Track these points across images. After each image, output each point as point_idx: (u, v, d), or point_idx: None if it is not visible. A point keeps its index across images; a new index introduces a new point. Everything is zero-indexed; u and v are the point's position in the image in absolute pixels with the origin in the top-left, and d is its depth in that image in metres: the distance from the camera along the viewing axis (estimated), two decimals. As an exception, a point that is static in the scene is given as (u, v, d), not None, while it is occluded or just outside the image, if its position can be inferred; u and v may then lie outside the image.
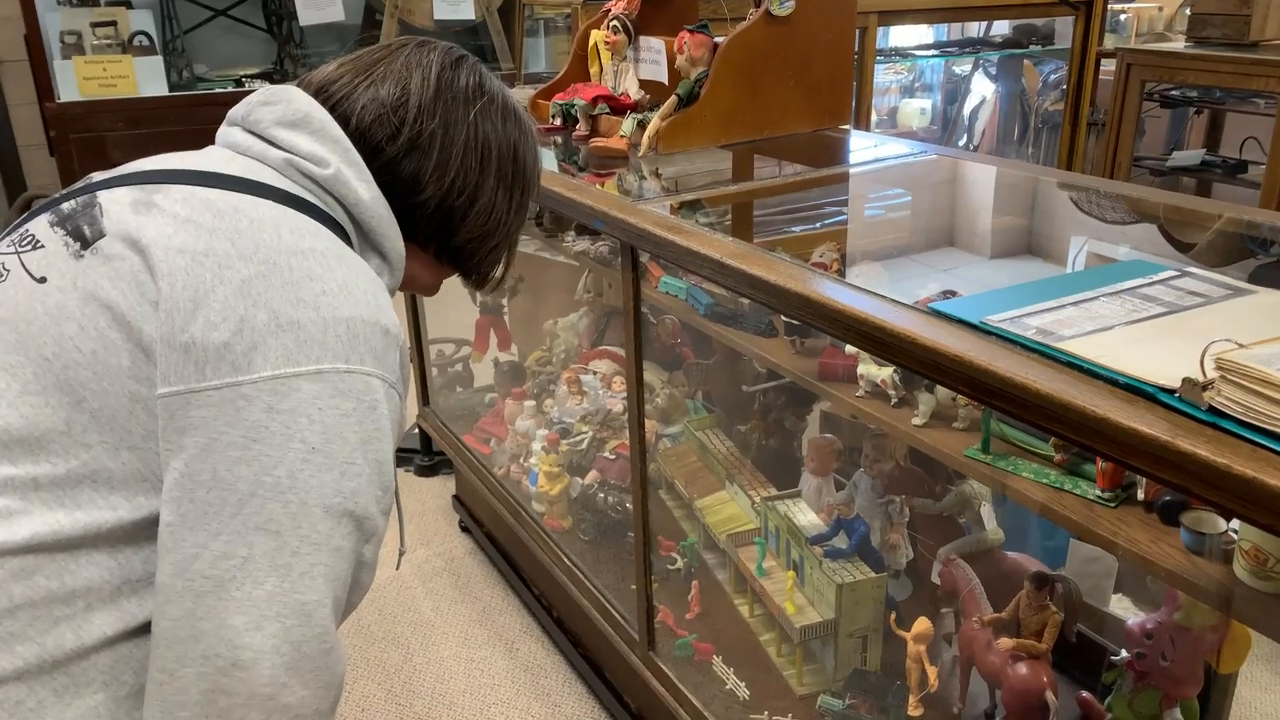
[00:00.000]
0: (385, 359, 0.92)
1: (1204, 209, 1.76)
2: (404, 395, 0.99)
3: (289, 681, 0.87)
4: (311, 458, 0.86)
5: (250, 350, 0.85)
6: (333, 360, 0.88)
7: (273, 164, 0.99)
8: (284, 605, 0.86)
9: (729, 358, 2.70)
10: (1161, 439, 0.86)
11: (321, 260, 0.91)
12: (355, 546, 0.91)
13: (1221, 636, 1.57)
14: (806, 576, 2.01)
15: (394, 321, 0.95)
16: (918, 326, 1.11)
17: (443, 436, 3.06)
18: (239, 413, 0.85)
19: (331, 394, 0.87)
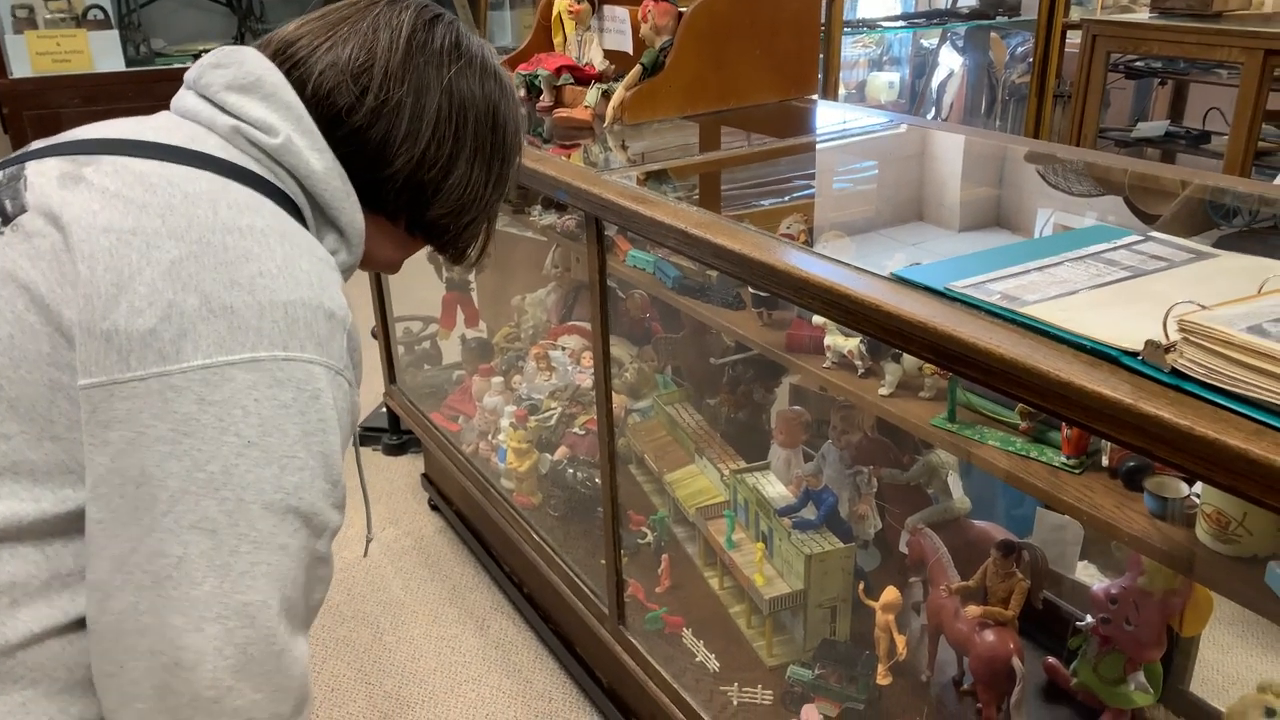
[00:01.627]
0: (329, 345, 0.87)
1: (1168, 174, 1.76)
2: (355, 382, 0.93)
3: (235, 685, 0.83)
4: (248, 452, 0.81)
5: (179, 338, 0.80)
6: (269, 347, 0.82)
7: (219, 131, 0.92)
8: (225, 606, 0.81)
9: (698, 331, 2.69)
10: (1124, 402, 0.85)
11: (260, 239, 0.85)
12: (305, 544, 0.85)
13: (1184, 600, 1.59)
14: (775, 548, 2.01)
15: (340, 304, 0.88)
16: (882, 294, 1.10)
17: (410, 415, 3.03)
18: (167, 405, 0.79)
19: (268, 384, 0.82)
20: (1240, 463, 0.78)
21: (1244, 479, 0.79)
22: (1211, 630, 2.38)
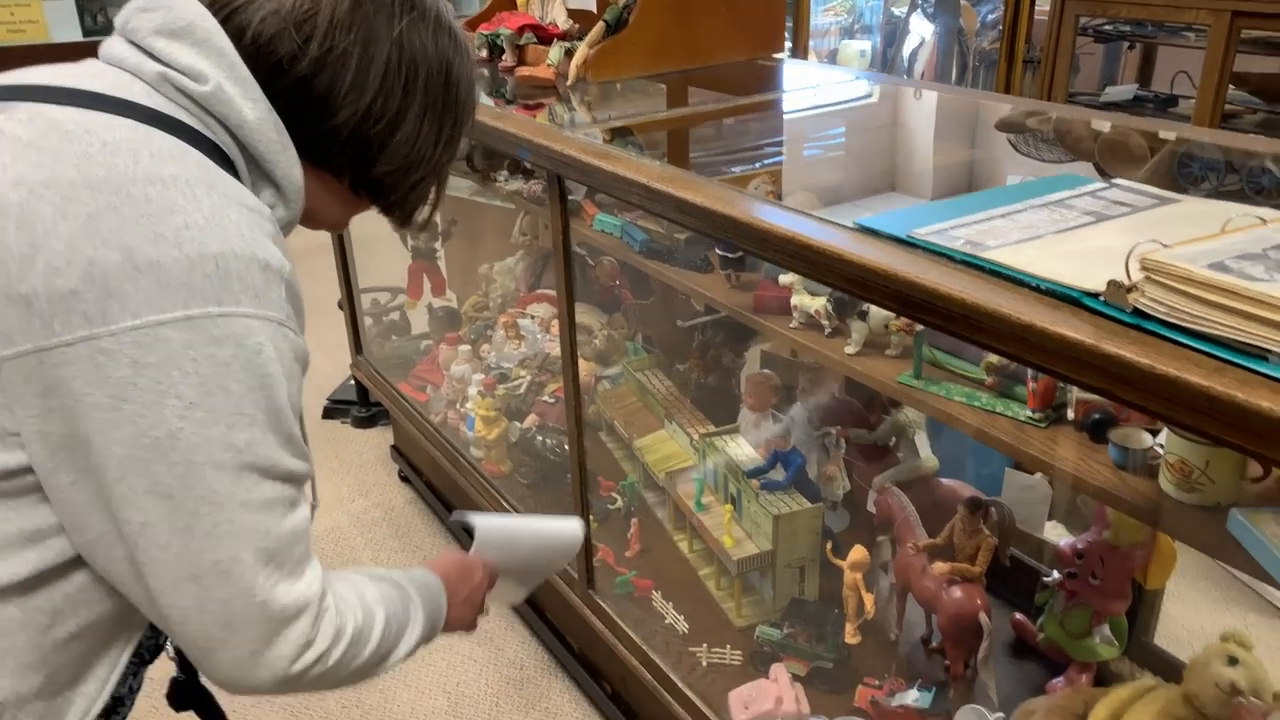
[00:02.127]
0: (266, 296, 0.83)
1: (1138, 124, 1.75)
2: (299, 331, 0.91)
3: (227, 636, 0.82)
4: (191, 414, 0.78)
5: (104, 298, 0.75)
6: (203, 304, 0.78)
7: (145, 78, 0.87)
8: (196, 566, 0.80)
9: (668, 297, 2.67)
10: (1086, 343, 0.84)
11: (185, 189, 0.81)
12: (272, 496, 0.83)
13: (1148, 553, 1.60)
14: (744, 510, 2.01)
15: (275, 254, 0.84)
16: (844, 243, 1.08)
17: (378, 385, 2.99)
18: (100, 371, 0.76)
19: (205, 342, 0.79)
20: (1201, 400, 0.77)
21: (1205, 417, 0.78)
22: (1176, 585, 2.41)
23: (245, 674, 0.84)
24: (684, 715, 1.76)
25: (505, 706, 2.23)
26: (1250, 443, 0.76)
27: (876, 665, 1.79)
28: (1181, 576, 2.44)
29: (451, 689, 2.29)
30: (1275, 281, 0.77)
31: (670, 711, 1.79)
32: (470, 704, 2.25)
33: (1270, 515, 1.15)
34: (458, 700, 2.26)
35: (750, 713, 1.69)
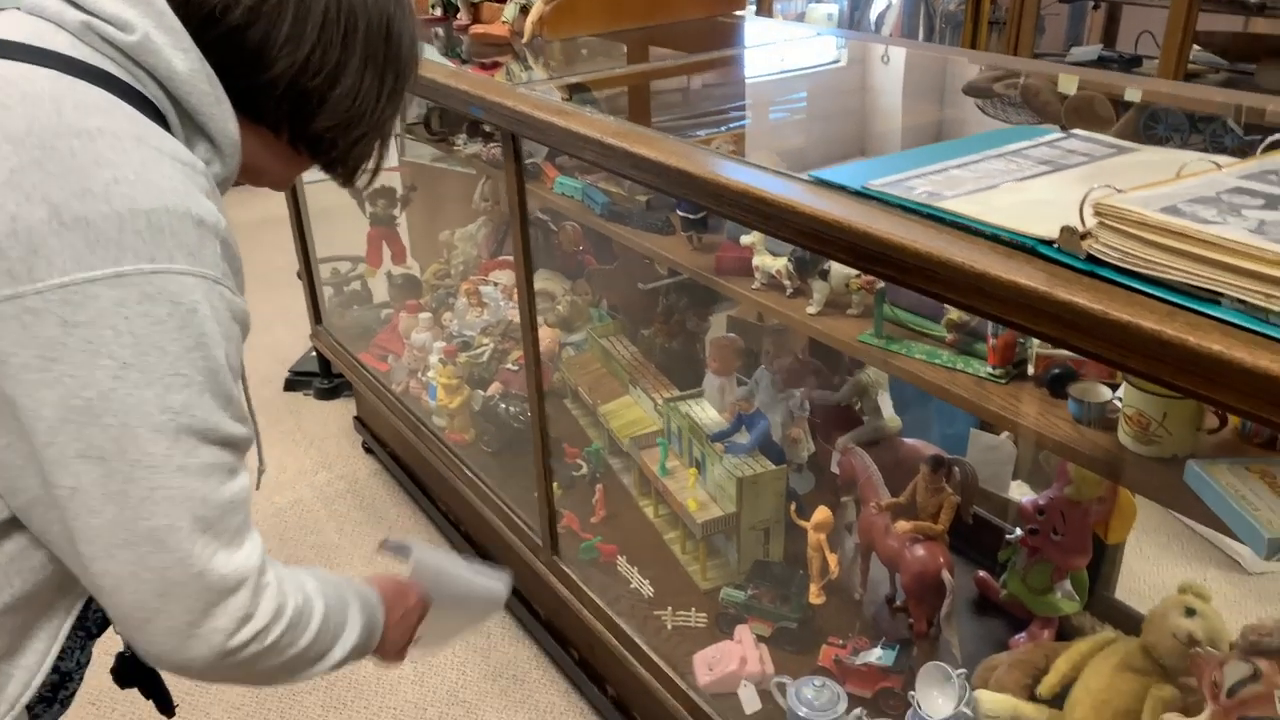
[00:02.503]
0: (201, 253, 0.80)
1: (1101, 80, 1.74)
2: (237, 291, 0.88)
3: (162, 606, 0.79)
4: (125, 374, 0.76)
5: (29, 255, 0.73)
6: (135, 260, 0.76)
7: (69, 28, 0.83)
8: (131, 533, 0.77)
9: (631, 262, 2.64)
10: (1039, 290, 0.83)
11: (113, 142, 0.77)
12: (211, 462, 0.80)
13: (1109, 508, 1.61)
14: (708, 473, 2.00)
15: (210, 210, 0.81)
16: (798, 195, 1.06)
17: (338, 356, 2.95)
18: (27, 330, 0.73)
19: (138, 299, 0.76)
20: (1153, 345, 0.76)
21: (1158, 362, 0.77)
22: (1138, 541, 2.43)
23: (180, 646, 0.81)
24: (649, 679, 1.75)
25: (472, 674, 2.22)
26: (1202, 387, 0.75)
27: (841, 625, 1.79)
28: (1143, 532, 2.46)
29: (416, 658, 2.27)
30: (1227, 224, 0.75)
31: (636, 675, 1.79)
32: (436, 672, 2.24)
33: (1226, 466, 1.15)
34: (424, 669, 2.25)
35: (715, 674, 1.69)
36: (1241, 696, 1.25)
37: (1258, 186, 0.83)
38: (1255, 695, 1.24)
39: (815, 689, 1.59)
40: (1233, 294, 0.73)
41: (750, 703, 1.66)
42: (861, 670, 1.63)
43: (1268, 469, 1.14)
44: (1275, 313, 0.71)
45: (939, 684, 1.56)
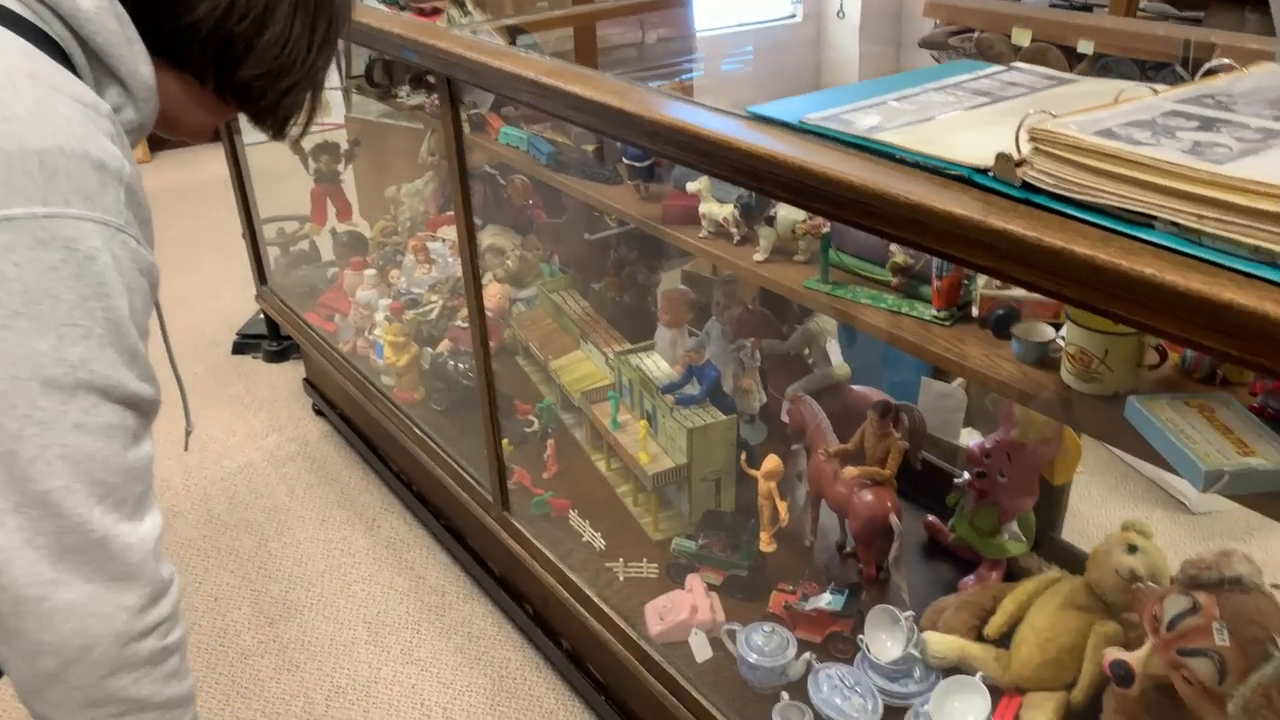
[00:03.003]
0: (101, 198, 0.76)
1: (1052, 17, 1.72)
2: (144, 241, 0.83)
3: (59, 576, 0.74)
4: (14, 323, 0.71)
5: None
6: (26, 203, 0.71)
7: None
8: (21, 496, 0.72)
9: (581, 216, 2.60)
10: (973, 219, 0.81)
11: (3, 79, 0.73)
12: (113, 422, 0.76)
13: (1054, 449, 1.61)
14: (659, 425, 1.98)
15: (112, 154, 0.77)
16: (734, 131, 1.03)
17: (284, 316, 2.89)
18: None
19: (29, 244, 0.71)
20: (1087, 271, 0.74)
21: (1092, 289, 0.76)
22: (1085, 484, 2.47)
23: (81, 629, 0.75)
24: (601, 631, 1.74)
25: (427, 633, 2.21)
26: (1136, 313, 0.74)
27: (792, 572, 1.80)
28: (1089, 475, 2.50)
29: (371, 619, 2.26)
30: (1161, 146, 0.74)
31: (589, 628, 1.78)
32: (391, 632, 2.22)
33: (1166, 401, 1.15)
34: (378, 630, 2.23)
35: (665, 623, 1.69)
36: (1181, 629, 1.26)
37: (1193, 110, 0.82)
38: (1194, 627, 1.25)
39: (765, 635, 1.59)
40: (1166, 217, 0.72)
41: (701, 651, 1.66)
42: (811, 615, 1.63)
43: (1206, 403, 1.14)
44: (1208, 234, 0.70)
45: (887, 627, 1.57)
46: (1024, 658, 1.51)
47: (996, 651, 1.55)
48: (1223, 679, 1.22)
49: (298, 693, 2.08)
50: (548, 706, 1.99)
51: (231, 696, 2.07)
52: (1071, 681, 1.50)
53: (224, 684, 2.10)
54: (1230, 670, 1.22)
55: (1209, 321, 0.69)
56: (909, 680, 1.54)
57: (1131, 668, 1.30)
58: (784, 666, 1.56)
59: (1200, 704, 1.26)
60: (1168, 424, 1.11)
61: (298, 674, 2.13)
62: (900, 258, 1.47)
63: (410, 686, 2.07)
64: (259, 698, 2.07)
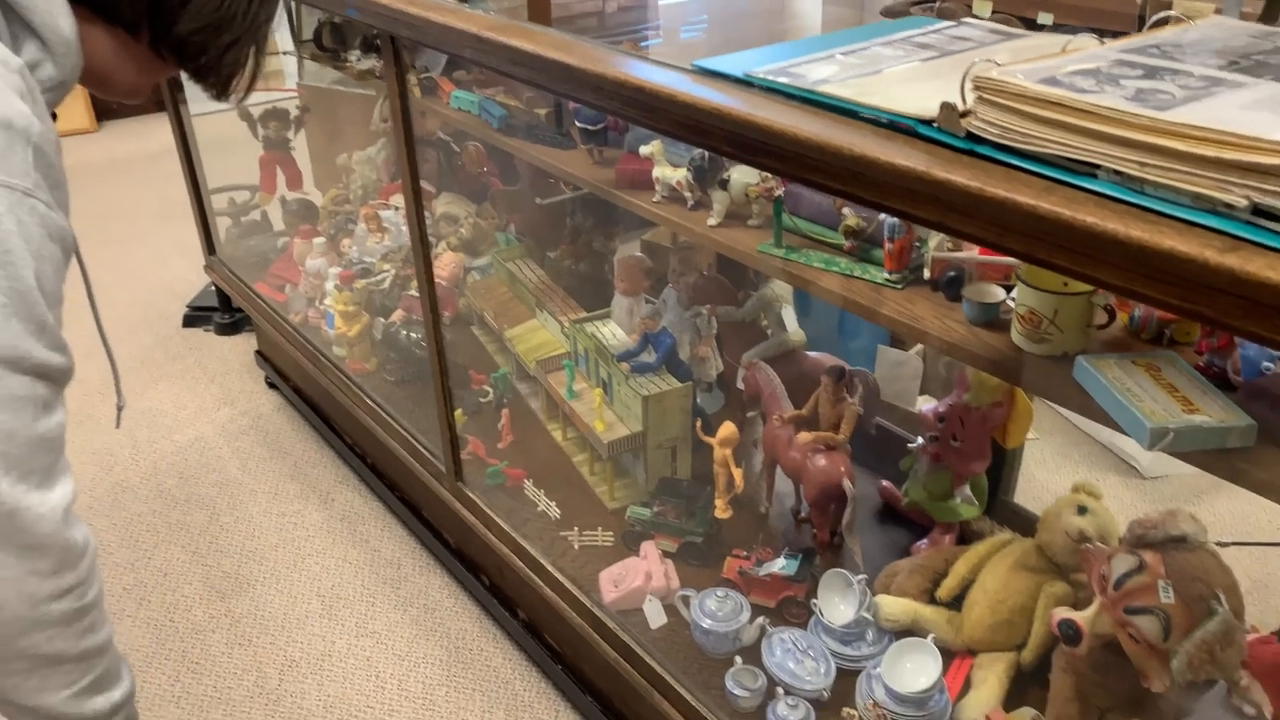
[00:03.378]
0: (7, 160, 0.73)
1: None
2: (56, 205, 0.79)
3: None
4: None
5: None
6: None
7: None
8: None
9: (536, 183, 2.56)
10: (917, 170, 0.80)
11: None
12: (20, 393, 0.74)
13: (1006, 412, 1.62)
14: (615, 393, 1.96)
15: (20, 112, 0.74)
16: (678, 84, 1.00)
17: (234, 287, 2.83)
18: None
19: None
20: (1030, 221, 0.73)
21: (1035, 240, 0.75)
22: (1040, 450, 2.49)
23: None
24: (556, 600, 1.73)
25: (382, 605, 2.18)
26: (1079, 264, 0.73)
27: (747, 539, 1.79)
28: (1044, 440, 2.52)
29: (325, 592, 2.23)
30: (1105, 93, 0.72)
31: (544, 597, 1.77)
32: (345, 605, 2.19)
33: (1114, 361, 1.15)
34: (332, 603, 2.20)
35: (620, 591, 1.68)
36: (1128, 588, 1.27)
37: (1139, 59, 0.80)
38: (1140, 586, 1.26)
39: (718, 600, 1.59)
40: (1109, 165, 0.71)
41: (655, 617, 1.66)
42: (765, 580, 1.63)
43: (1153, 363, 1.15)
44: (1150, 182, 0.69)
45: (840, 591, 1.57)
46: (975, 619, 1.52)
47: (949, 614, 1.56)
48: (1168, 636, 1.23)
49: (250, 667, 2.05)
50: (504, 677, 1.98)
51: (181, 672, 2.04)
52: (1022, 642, 1.51)
53: (174, 660, 2.07)
54: (1175, 627, 1.23)
55: (1150, 271, 0.68)
56: (861, 643, 1.54)
57: (1079, 627, 1.31)
58: (737, 631, 1.55)
59: (1146, 661, 1.27)
60: (1115, 383, 1.11)
61: (250, 648, 2.09)
62: (853, 220, 1.46)
63: (365, 659, 2.05)
64: (210, 673, 2.03)
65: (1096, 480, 2.41)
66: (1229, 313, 0.65)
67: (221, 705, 1.96)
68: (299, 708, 1.94)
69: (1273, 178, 0.62)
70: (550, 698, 1.92)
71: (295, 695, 1.97)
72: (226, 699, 1.97)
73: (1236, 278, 0.62)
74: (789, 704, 1.43)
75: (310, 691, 1.98)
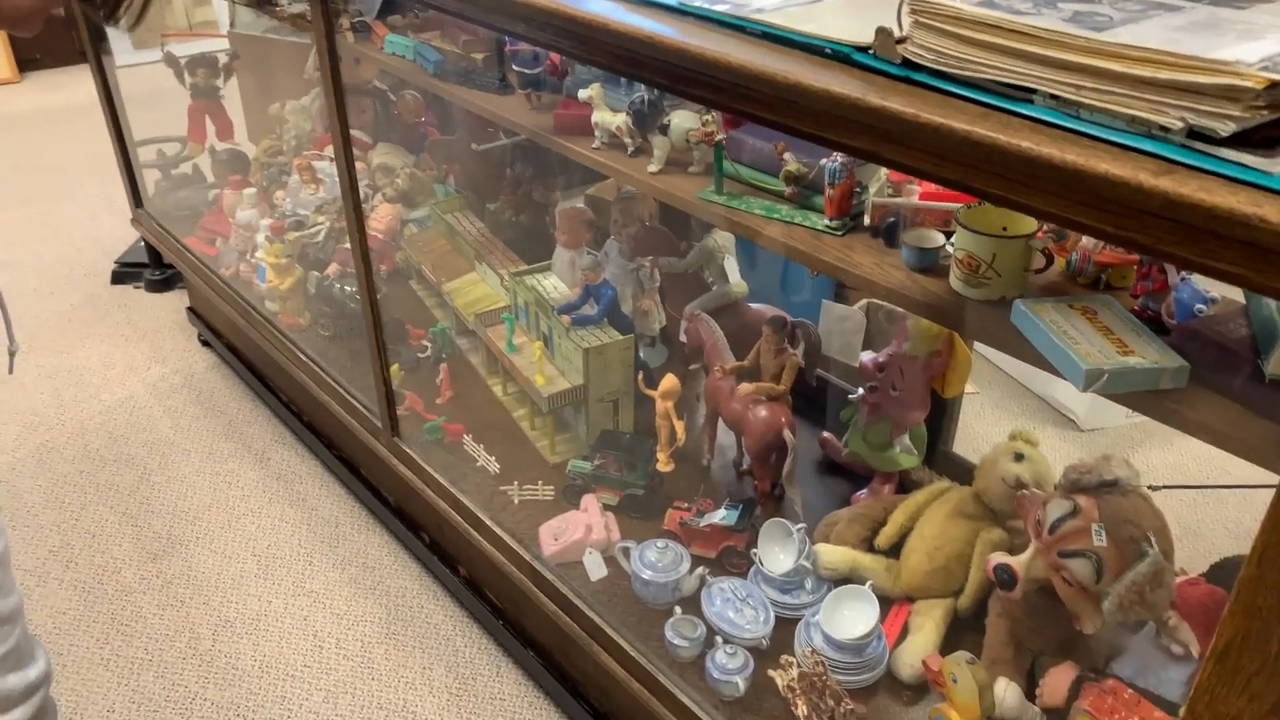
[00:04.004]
0: None
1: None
2: None
3: None
4: None
5: None
6: None
7: None
8: None
9: (474, 133, 2.49)
10: (852, 97, 0.77)
11: None
12: None
13: (945, 361, 1.62)
14: (556, 347, 1.93)
15: None
16: (609, 12, 0.97)
17: (163, 241, 2.73)
18: None
19: None
20: (965, 148, 0.71)
21: (970, 168, 0.73)
22: (977, 404, 2.51)
23: None
24: (496, 554, 1.71)
25: (320, 564, 2.14)
26: (1014, 191, 0.71)
27: (689, 492, 1.78)
28: (983, 395, 2.54)
29: (261, 552, 2.18)
30: (1042, 15, 0.70)
31: (484, 553, 1.74)
32: (281, 565, 2.14)
33: (1050, 304, 1.14)
34: (268, 563, 2.15)
35: (560, 544, 1.66)
36: (1062, 532, 1.28)
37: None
38: (1074, 530, 1.27)
39: (658, 551, 1.57)
40: (1045, 89, 0.69)
41: (596, 570, 1.64)
42: (705, 531, 1.62)
43: (1089, 306, 1.14)
44: (1086, 106, 0.67)
45: (780, 540, 1.57)
46: (913, 566, 1.53)
47: (887, 562, 1.56)
48: (1100, 578, 1.25)
49: (183, 628, 2.00)
50: (445, 633, 1.96)
51: (111, 634, 1.98)
52: (959, 589, 1.52)
53: (103, 622, 2.01)
54: (1107, 569, 1.25)
55: (1085, 197, 0.67)
56: (801, 591, 1.54)
57: (1015, 571, 1.32)
58: (677, 582, 1.54)
59: (1078, 603, 1.28)
60: (1051, 326, 1.11)
61: (183, 609, 2.04)
62: (793, 166, 1.43)
63: (302, 618, 2.01)
64: (141, 635, 1.98)
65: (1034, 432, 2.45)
66: (1162, 239, 0.64)
67: (153, 667, 1.91)
68: (234, 668, 1.90)
69: (1208, 98, 0.60)
70: (491, 653, 1.90)
71: (230, 656, 1.93)
72: (158, 661, 1.92)
73: (1170, 200, 0.61)
74: (728, 652, 1.43)
75: (245, 652, 1.94)
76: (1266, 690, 0.70)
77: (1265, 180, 0.59)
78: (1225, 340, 1.02)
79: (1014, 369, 2.61)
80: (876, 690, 1.44)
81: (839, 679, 1.38)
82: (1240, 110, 0.59)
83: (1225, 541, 2.03)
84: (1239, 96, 0.59)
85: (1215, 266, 0.61)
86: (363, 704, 1.82)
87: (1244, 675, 0.71)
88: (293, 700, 1.83)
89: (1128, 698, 1.16)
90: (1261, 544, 0.66)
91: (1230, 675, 0.72)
